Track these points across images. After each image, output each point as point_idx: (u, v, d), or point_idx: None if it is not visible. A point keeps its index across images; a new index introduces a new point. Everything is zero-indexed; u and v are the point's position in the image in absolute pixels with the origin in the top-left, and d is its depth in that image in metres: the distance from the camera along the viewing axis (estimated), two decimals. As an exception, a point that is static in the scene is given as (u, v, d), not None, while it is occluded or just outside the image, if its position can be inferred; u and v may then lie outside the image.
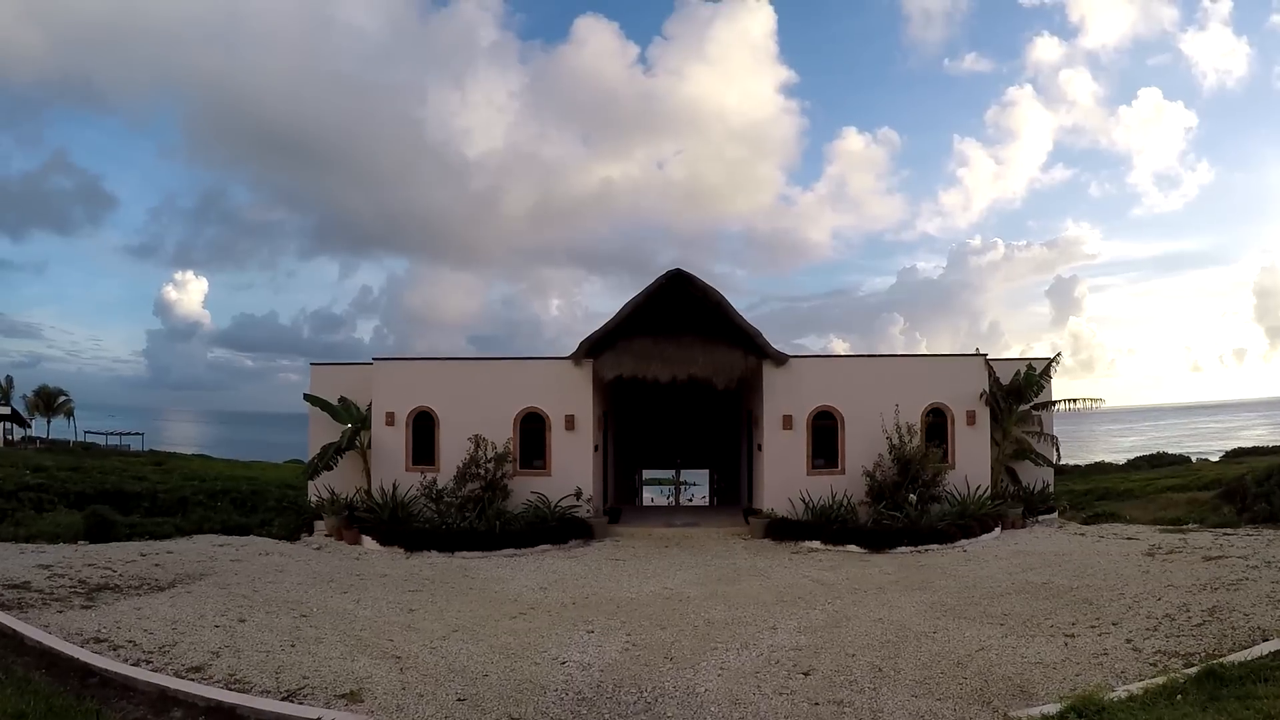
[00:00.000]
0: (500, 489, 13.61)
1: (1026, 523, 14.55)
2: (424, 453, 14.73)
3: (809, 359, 14.83)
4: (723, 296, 13.94)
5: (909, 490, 13.49)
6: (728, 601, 8.61)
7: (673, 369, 13.78)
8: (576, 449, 14.27)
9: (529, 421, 14.48)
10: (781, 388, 14.43)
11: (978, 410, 14.91)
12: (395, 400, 14.93)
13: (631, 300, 13.90)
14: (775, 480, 14.23)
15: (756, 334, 14.09)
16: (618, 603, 8.59)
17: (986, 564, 10.89)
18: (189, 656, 6.43)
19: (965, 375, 15.02)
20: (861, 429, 14.35)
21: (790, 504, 13.95)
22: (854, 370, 14.85)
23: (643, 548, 12.40)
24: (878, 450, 13.99)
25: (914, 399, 14.47)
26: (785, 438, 14.33)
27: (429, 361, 15.22)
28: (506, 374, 14.67)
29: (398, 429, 14.89)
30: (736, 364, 13.96)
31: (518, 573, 10.53)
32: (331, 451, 15.31)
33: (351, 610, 8.32)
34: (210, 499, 23.63)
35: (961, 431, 14.83)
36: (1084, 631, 7.13)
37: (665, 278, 13.81)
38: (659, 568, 10.74)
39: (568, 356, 14.45)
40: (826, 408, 14.54)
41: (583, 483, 14.02)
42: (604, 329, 13.99)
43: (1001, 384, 15.41)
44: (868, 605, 8.45)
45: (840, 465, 14.45)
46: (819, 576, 10.22)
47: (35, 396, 57.08)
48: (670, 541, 12.97)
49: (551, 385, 14.46)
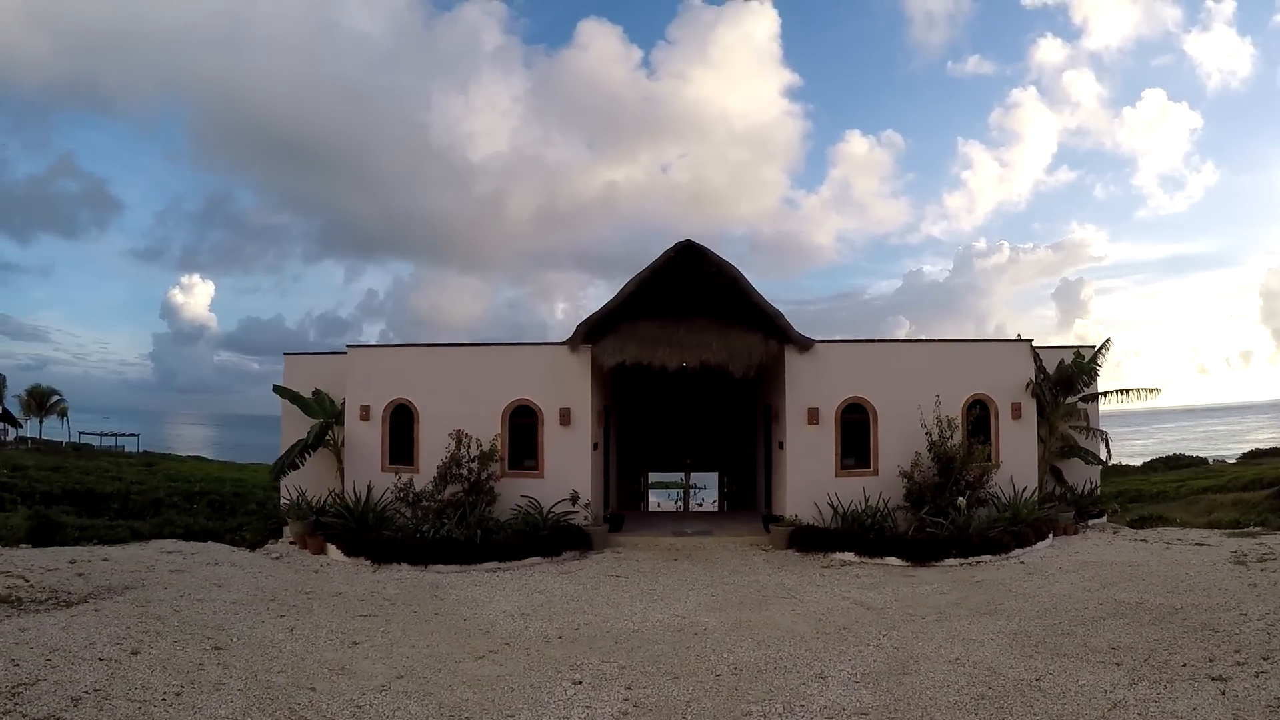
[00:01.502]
0: (485, 492, 11.88)
1: (1079, 528, 12.87)
2: (402, 451, 13.03)
3: (837, 344, 13.05)
4: (739, 272, 12.19)
5: (955, 493, 11.73)
6: (755, 635, 6.83)
7: (683, 355, 12.03)
8: (573, 447, 12.52)
9: (519, 416, 12.75)
10: (806, 377, 12.66)
11: (1024, 402, 13.13)
12: (370, 392, 13.25)
13: (636, 277, 12.16)
14: (799, 482, 12.45)
15: (777, 315, 12.32)
16: (616, 637, 6.82)
17: (1055, 579, 9.22)
18: (42, 703, 4.81)
19: (1009, 363, 13.23)
20: (896, 423, 12.58)
21: (816, 509, 12.18)
22: (888, 357, 13.06)
23: (648, 561, 10.63)
24: (914, 448, 12.22)
25: (954, 389, 12.70)
26: (810, 434, 12.56)
27: (407, 348, 13.52)
28: (494, 362, 12.95)
29: (373, 424, 13.19)
30: (755, 349, 12.19)
31: (498, 592, 8.79)
32: (298, 449, 13.66)
33: (280, 642, 6.60)
34: (186, 501, 22.43)
35: (1006, 426, 13.05)
36: (1233, 671, 5.44)
37: (674, 250, 12.07)
38: (667, 587, 8.98)
39: (563, 342, 12.72)
40: (857, 399, 12.76)
41: (579, 485, 12.28)
42: (604, 310, 12.25)
43: (1047, 373, 13.65)
44: (934, 639, 6.68)
45: (872, 465, 12.67)
46: (862, 598, 8.45)
47: (28, 396, 55.87)
48: (680, 553, 11.20)
49: (545, 375, 12.73)
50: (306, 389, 14.47)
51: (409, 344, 13.61)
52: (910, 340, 13.50)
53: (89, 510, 19.76)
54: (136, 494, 22.59)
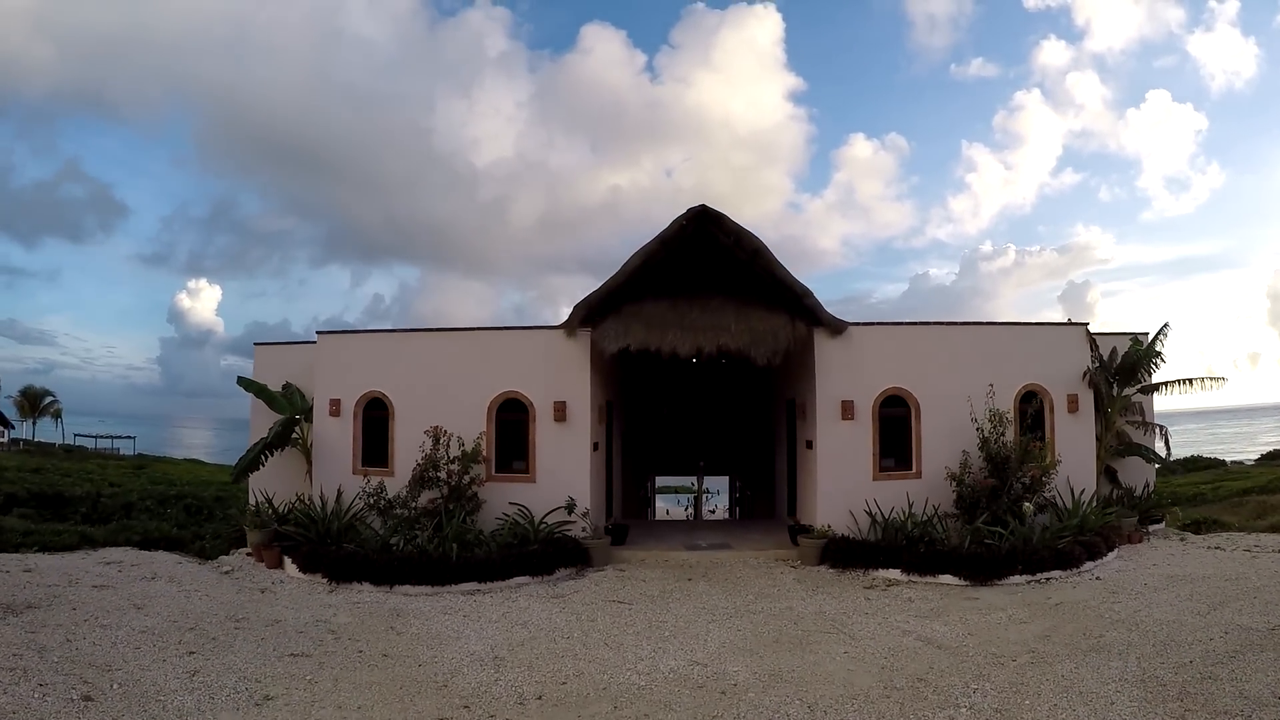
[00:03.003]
0: (467, 499, 10.22)
1: (1143, 536, 11.25)
2: (377, 451, 11.39)
3: (875, 327, 11.32)
4: (761, 243, 10.48)
5: (1018, 497, 10.03)
6: (804, 693, 5.11)
7: (697, 338, 10.33)
8: (569, 447, 10.84)
9: (508, 411, 11.08)
10: (839, 365, 10.94)
11: (1080, 393, 11.43)
12: (341, 384, 11.62)
13: (642, 249, 10.47)
14: (831, 487, 10.74)
15: (806, 292, 10.62)
16: (616, 697, 5.10)
17: (1148, 599, 7.67)
18: None
19: (1064, 349, 11.54)
20: (941, 418, 10.87)
21: (851, 518, 10.48)
22: (931, 342, 11.33)
23: (657, 581, 8.90)
24: (961, 445, 10.54)
25: (1005, 379, 11.00)
26: (845, 431, 10.84)
27: (382, 334, 11.86)
28: (479, 349, 11.29)
29: (344, 420, 11.55)
30: (781, 332, 10.48)
31: (471, 623, 7.11)
32: (259, 449, 12.04)
33: (170, 693, 4.98)
34: (160, 505, 21.32)
35: (1061, 420, 11.34)
36: None
37: (686, 218, 10.38)
38: (682, 618, 7.26)
39: (558, 326, 11.04)
40: (897, 391, 11.04)
41: (576, 491, 10.59)
42: (605, 288, 10.57)
43: (1104, 360, 11.96)
44: (1042, 693, 4.99)
45: (915, 466, 10.95)
46: (926, 632, 6.73)
47: (21, 397, 54.72)
48: (695, 571, 9.46)
49: (537, 363, 11.06)
50: (278, 382, 13.01)
51: (384, 329, 11.97)
52: (956, 323, 11.76)
53: (55, 514, 18.71)
54: (108, 497, 21.63)
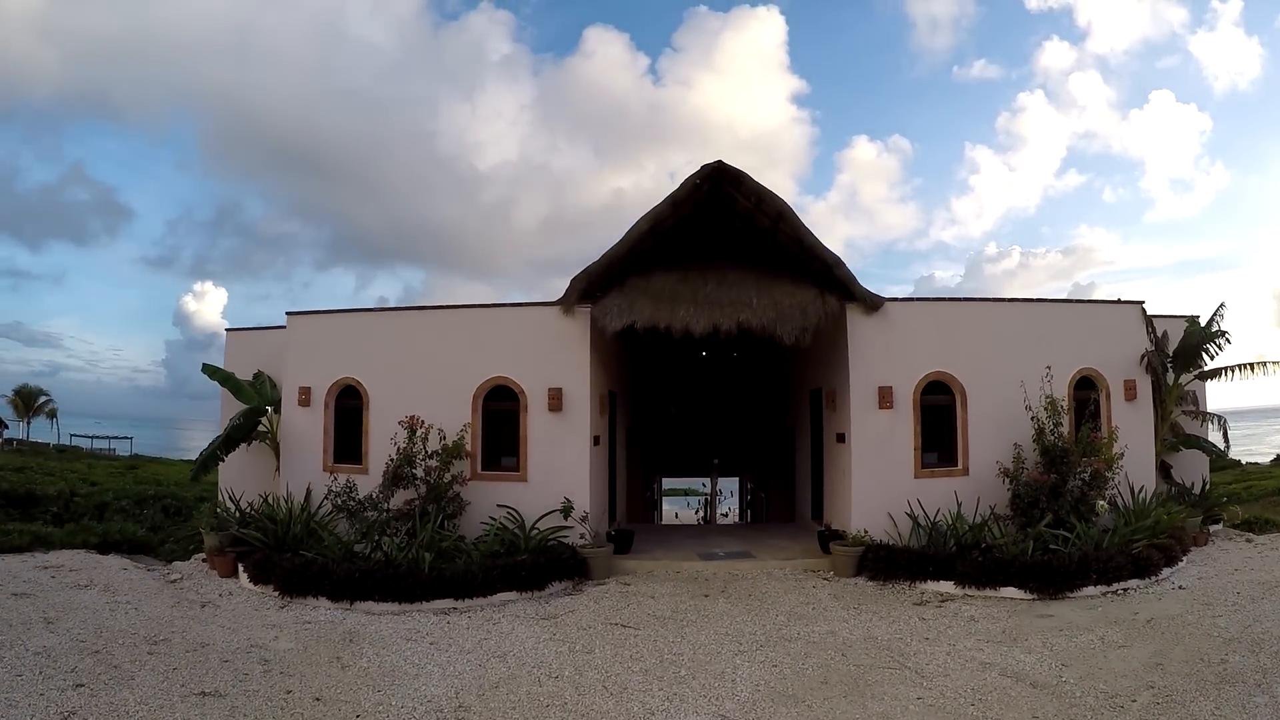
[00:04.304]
0: (448, 500, 8.86)
1: (1207, 537, 10.05)
2: (351, 445, 10.07)
3: (915, 303, 9.92)
4: (787, 205, 9.10)
5: (1080, 496, 8.67)
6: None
7: (713, 315, 8.94)
8: (566, 440, 9.46)
9: (496, 399, 9.72)
10: (876, 346, 9.54)
11: (1138, 379, 10.04)
12: (311, 371, 10.30)
13: (650, 212, 9.09)
14: (868, 487, 9.33)
15: (837, 262, 9.22)
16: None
17: (1247, 611, 6.55)
18: None
19: (1120, 330, 10.16)
20: (990, 407, 9.49)
21: (891, 521, 9.10)
22: (978, 321, 9.93)
23: (667, 598, 7.48)
24: (1012, 438, 9.17)
25: (1058, 363, 9.59)
26: (882, 421, 9.44)
27: (357, 314, 10.52)
28: (464, 329, 9.93)
29: (314, 411, 10.23)
30: (810, 307, 9.08)
31: (438, 655, 5.74)
32: (218, 444, 10.75)
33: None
34: (137, 506, 20.99)
35: (1119, 409, 9.93)
36: None
37: (700, 176, 8.98)
38: (701, 648, 5.86)
39: (554, 302, 9.67)
40: (940, 376, 9.64)
41: (574, 491, 9.22)
42: (607, 258, 9.19)
43: (1160, 344, 10.59)
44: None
45: (960, 461, 9.55)
46: (1011, 664, 5.34)
47: (16, 396, 53.80)
48: (712, 585, 8.04)
49: (530, 345, 9.70)
50: (250, 371, 11.79)
51: (359, 309, 10.63)
52: (1004, 299, 10.35)
53: (24, 513, 17.98)
54: (82, 497, 20.96)
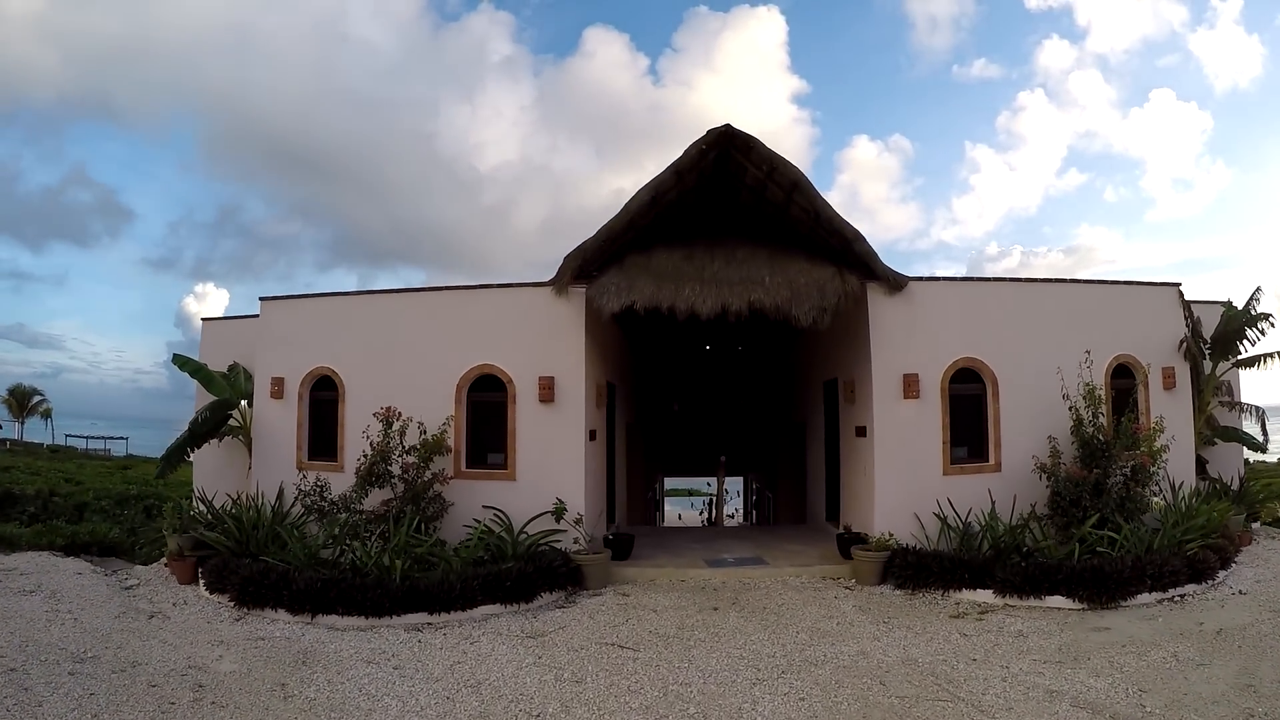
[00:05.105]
0: (429, 500, 7.99)
1: (1251, 536, 9.25)
2: (327, 440, 9.24)
3: (941, 283, 9.03)
4: (802, 173, 8.21)
5: (1125, 493, 7.82)
6: None
7: (721, 294, 8.06)
8: (559, 435, 8.59)
9: (482, 390, 8.86)
10: (900, 330, 8.66)
11: (1177, 366, 9.20)
12: (285, 359, 9.48)
13: (651, 182, 8.20)
14: (892, 485, 8.45)
15: (857, 236, 8.33)
16: None
17: None
18: None
19: (1156, 315, 9.33)
20: (1024, 396, 8.63)
21: (918, 523, 8.23)
22: (1010, 303, 9.05)
23: (671, 612, 6.58)
24: (1046, 430, 8.31)
25: (1094, 349, 8.71)
26: (908, 413, 8.56)
27: (333, 298, 9.67)
28: (447, 313, 9.08)
29: (287, 403, 9.40)
30: (828, 285, 8.19)
31: (400, 684, 4.87)
32: (182, 441, 9.91)
33: None
34: (118, 506, 20.83)
35: (1157, 399, 9.06)
36: None
37: (706, 142, 8.09)
38: (712, 675, 4.98)
39: (546, 282, 8.80)
40: (970, 362, 8.77)
41: (568, 491, 8.35)
42: (604, 231, 8.31)
43: (1196, 329, 9.75)
44: None
45: (992, 456, 8.68)
46: (1081, 691, 4.49)
47: (10, 396, 53.15)
48: (721, 596, 7.13)
49: (519, 330, 8.83)
50: (226, 362, 11.07)
51: (335, 292, 9.77)
52: (1038, 280, 9.48)
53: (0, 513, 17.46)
54: (62, 496, 20.60)
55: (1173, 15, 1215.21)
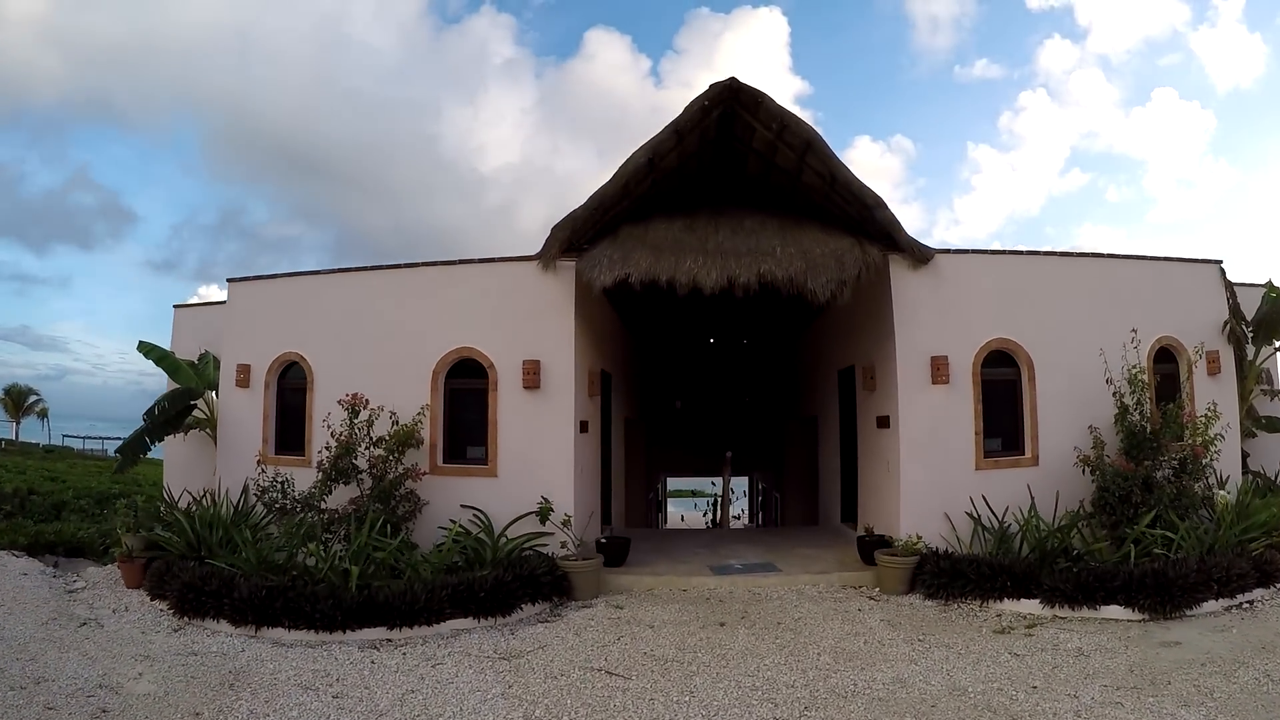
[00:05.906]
0: (400, 498, 7.12)
1: None
2: (295, 432, 8.40)
3: (970, 255, 8.11)
4: (816, 133, 7.32)
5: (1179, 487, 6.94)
6: None
7: (727, 266, 7.15)
8: (545, 425, 7.70)
9: (461, 375, 7.99)
10: (926, 307, 7.75)
11: (1221, 350, 8.28)
12: (250, 345, 8.68)
13: (648, 144, 7.30)
14: (919, 481, 7.53)
15: (878, 203, 7.41)
16: None
17: None
18: None
19: (1198, 294, 8.40)
20: (1062, 382, 7.73)
21: (949, 523, 7.33)
22: (1045, 278, 8.12)
23: (671, 629, 5.66)
24: (1087, 419, 7.42)
25: (1137, 329, 7.80)
26: (936, 400, 7.64)
27: (302, 277, 8.82)
28: (423, 292, 8.21)
29: (253, 392, 8.59)
30: (847, 255, 7.29)
31: (338, 717, 4.00)
32: (139, 435, 9.09)
33: None
34: (97, 505, 20.14)
35: (1201, 385, 8.13)
36: None
37: (709, 97, 7.20)
38: (717, 712, 4.06)
39: (531, 256, 7.92)
40: (1003, 344, 7.86)
41: (555, 489, 7.46)
42: (596, 198, 7.41)
43: (1239, 311, 8.85)
44: None
45: (1028, 448, 7.76)
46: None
47: (5, 396, 52.63)
48: (728, 610, 6.20)
49: (502, 308, 7.95)
50: (198, 351, 10.35)
51: (304, 271, 8.92)
52: (1076, 254, 8.56)
53: None
54: (41, 495, 19.94)
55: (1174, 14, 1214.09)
